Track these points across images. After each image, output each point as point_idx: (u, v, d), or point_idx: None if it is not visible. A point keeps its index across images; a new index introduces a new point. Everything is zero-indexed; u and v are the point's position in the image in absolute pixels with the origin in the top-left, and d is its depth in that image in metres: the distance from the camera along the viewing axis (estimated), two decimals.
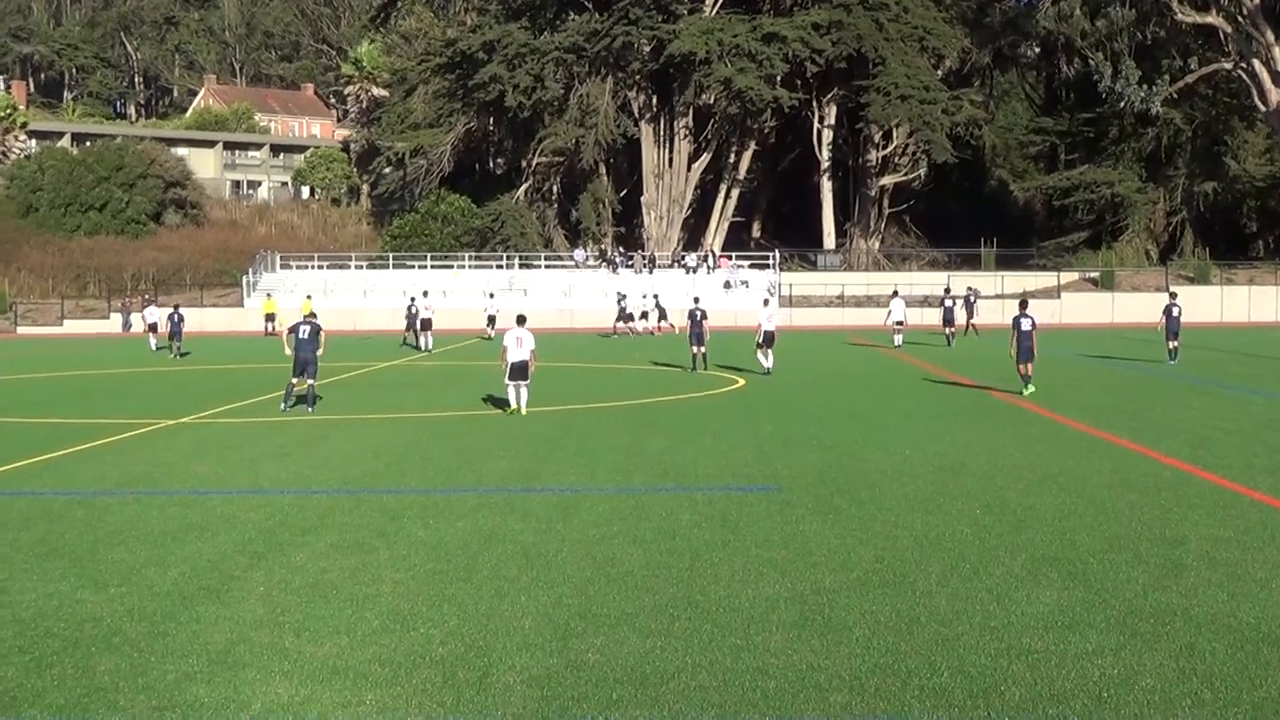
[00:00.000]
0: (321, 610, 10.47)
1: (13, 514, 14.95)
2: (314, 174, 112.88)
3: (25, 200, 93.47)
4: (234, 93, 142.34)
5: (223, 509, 15.17)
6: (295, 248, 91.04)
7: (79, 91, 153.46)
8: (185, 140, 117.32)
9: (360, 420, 25.03)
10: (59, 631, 9.90)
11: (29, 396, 32.60)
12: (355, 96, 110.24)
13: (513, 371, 25.47)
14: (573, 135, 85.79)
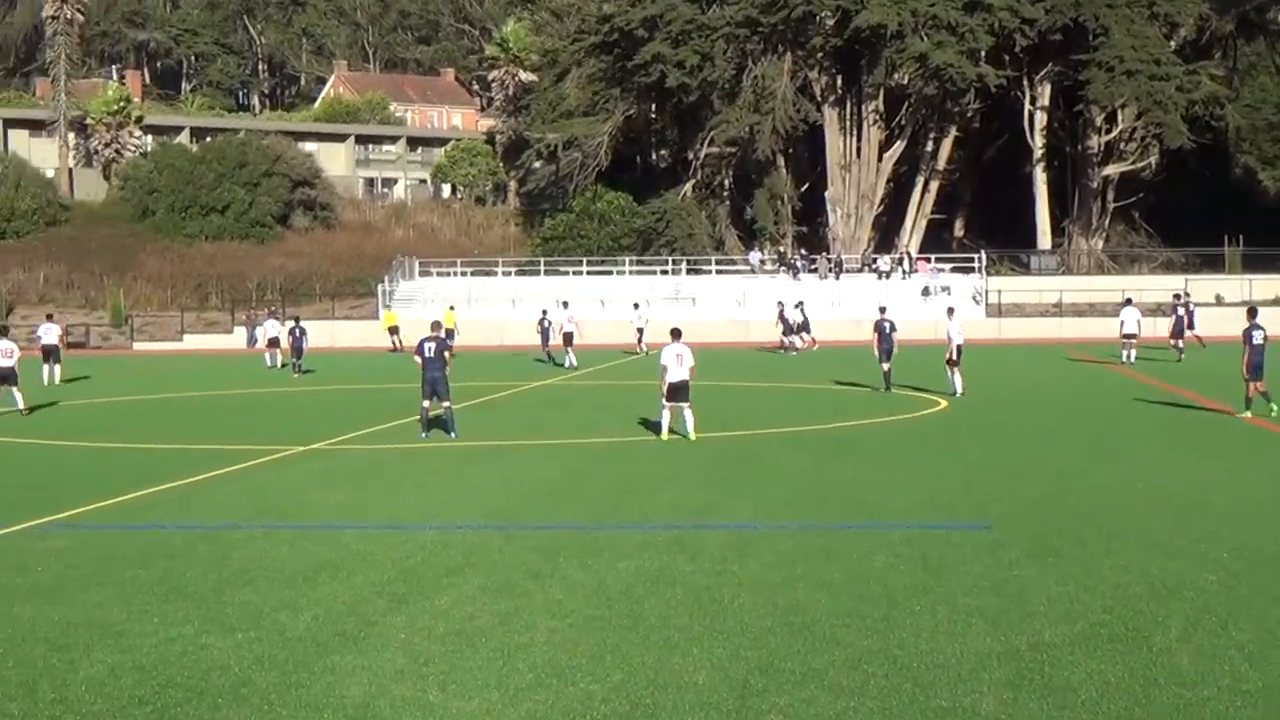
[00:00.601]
0: (469, 661, 10.59)
1: (131, 549, 15.40)
2: (455, 170, 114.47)
3: (141, 203, 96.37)
4: (367, 80, 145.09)
5: (359, 545, 15.44)
6: (435, 252, 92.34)
7: (198, 81, 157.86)
8: (314, 134, 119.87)
9: (509, 446, 25.29)
10: (183, 680, 10.17)
11: (147, 419, 33.55)
12: (501, 82, 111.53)
13: (672, 392, 25.53)
14: (746, 122, 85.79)
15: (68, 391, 42.61)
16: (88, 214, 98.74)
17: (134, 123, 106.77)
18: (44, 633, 11.56)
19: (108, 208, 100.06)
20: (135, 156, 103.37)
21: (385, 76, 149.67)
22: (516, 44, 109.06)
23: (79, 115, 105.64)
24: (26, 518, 17.47)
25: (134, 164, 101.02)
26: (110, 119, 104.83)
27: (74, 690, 9.94)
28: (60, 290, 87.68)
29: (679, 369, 25.41)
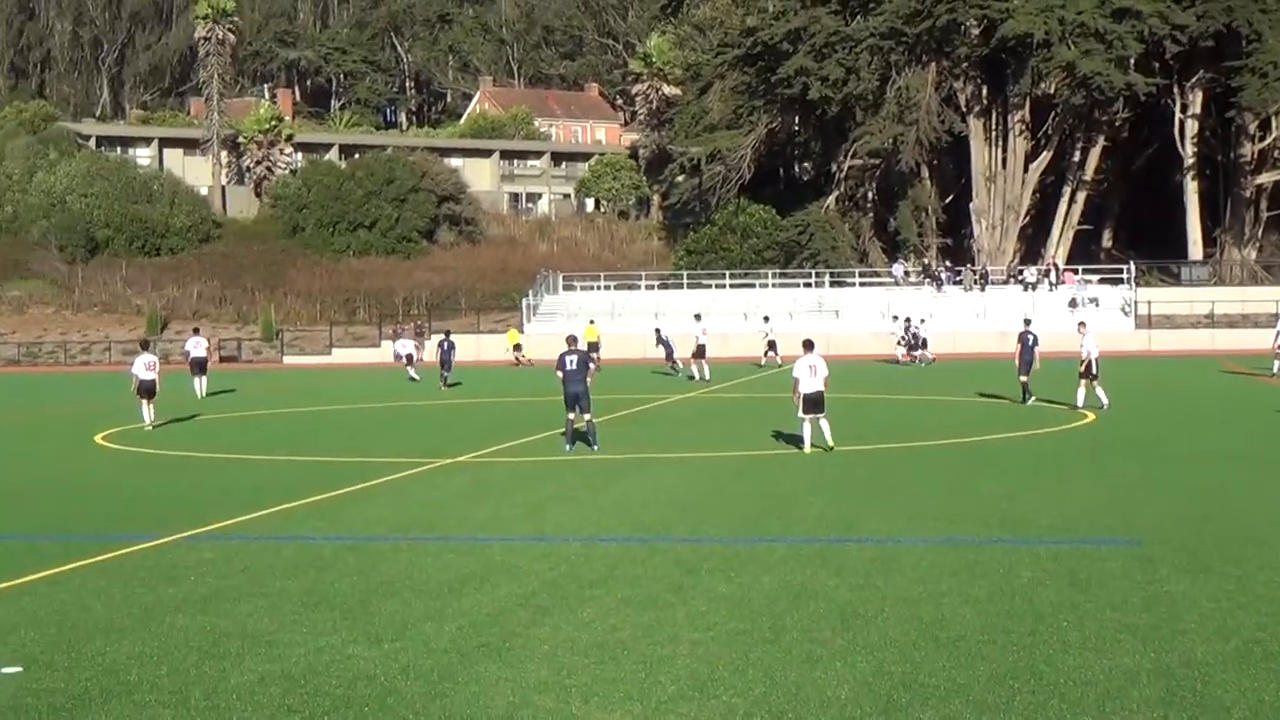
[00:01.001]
0: (612, 672, 10.62)
1: (280, 560, 15.65)
2: (599, 184, 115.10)
3: (291, 219, 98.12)
4: (512, 95, 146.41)
5: (503, 558, 15.56)
6: (579, 266, 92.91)
7: (347, 99, 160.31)
8: (459, 150, 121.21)
9: (652, 459, 25.34)
10: (330, 690, 10.31)
11: (297, 432, 34.12)
12: (644, 96, 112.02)
13: (808, 404, 25.45)
14: (890, 133, 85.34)
15: (215, 405, 43.46)
16: (239, 231, 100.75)
17: (284, 141, 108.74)
18: (196, 641, 11.78)
19: (259, 224, 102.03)
20: (285, 174, 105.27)
21: (530, 92, 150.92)
22: (660, 58, 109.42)
23: (231, 134, 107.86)
24: (180, 529, 17.82)
25: (284, 181, 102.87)
26: (262, 137, 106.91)
27: (225, 698, 10.11)
28: (213, 306, 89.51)
29: (812, 380, 25.34)
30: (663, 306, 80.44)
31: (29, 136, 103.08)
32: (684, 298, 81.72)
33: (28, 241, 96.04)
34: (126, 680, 10.59)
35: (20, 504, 21.12)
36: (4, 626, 12.45)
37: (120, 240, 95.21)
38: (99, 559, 15.81)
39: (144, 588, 14.16)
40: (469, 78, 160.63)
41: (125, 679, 10.63)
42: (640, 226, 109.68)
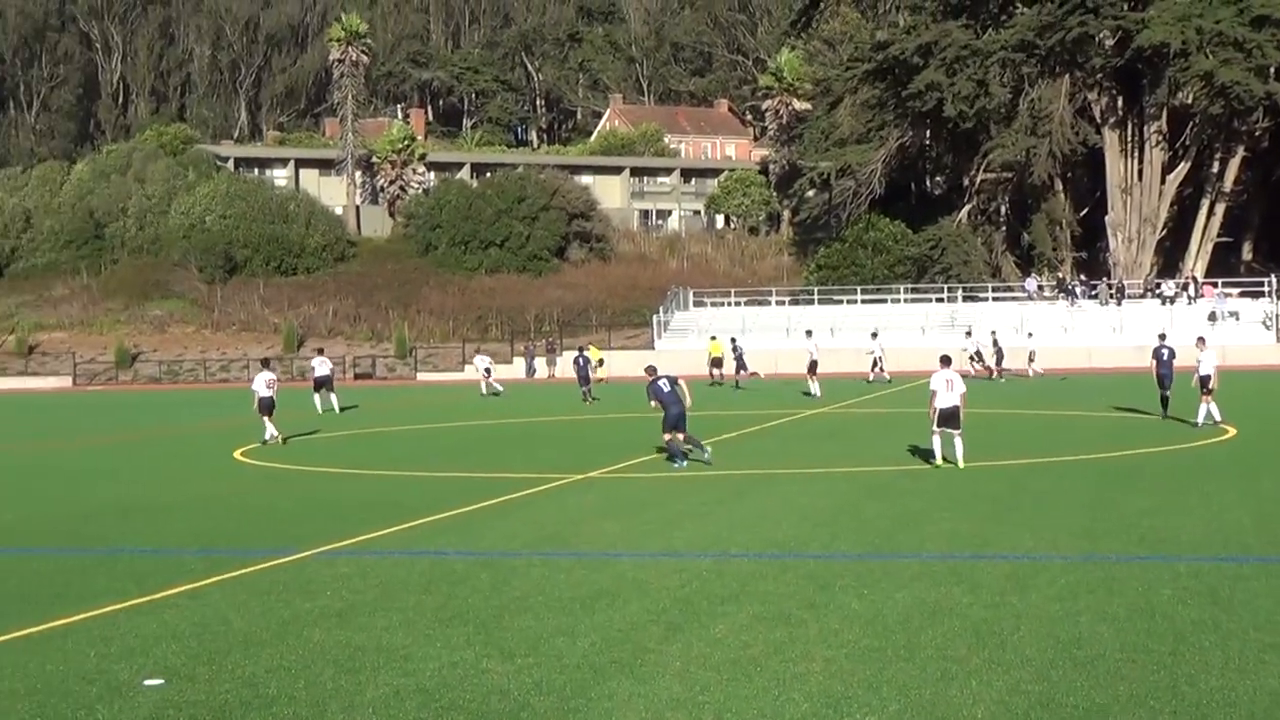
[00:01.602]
0: (744, 690, 10.59)
1: (415, 575, 15.79)
2: (729, 200, 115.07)
3: (424, 238, 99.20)
4: (641, 113, 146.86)
5: (635, 573, 15.58)
6: (709, 283, 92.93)
7: (479, 118, 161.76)
8: (590, 167, 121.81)
9: (782, 475, 25.26)
10: (464, 704, 10.38)
11: (430, 448, 34.44)
12: (774, 111, 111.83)
13: (942, 418, 25.27)
14: (1023, 146, 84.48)
15: (349, 421, 43.98)
16: (373, 249, 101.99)
17: (417, 160, 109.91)
18: (333, 655, 11.92)
19: (392, 243, 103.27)
20: (418, 193, 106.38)
21: (660, 109, 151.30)
22: (790, 73, 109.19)
23: (365, 154, 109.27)
24: (315, 544, 18.06)
25: (417, 200, 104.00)
26: (395, 157, 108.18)
27: (361, 712, 10.22)
28: (348, 323, 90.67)
29: (949, 395, 25.17)
30: (794, 322, 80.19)
31: (169, 159, 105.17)
32: (815, 314, 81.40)
33: (168, 262, 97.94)
34: (265, 693, 10.75)
35: (162, 519, 21.51)
36: (147, 639, 12.69)
37: (258, 260, 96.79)
38: (238, 573, 16.06)
39: (281, 602, 14.36)
40: (599, 95, 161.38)
41: (264, 692, 10.78)
42: (770, 242, 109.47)
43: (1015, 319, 77.23)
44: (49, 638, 12.91)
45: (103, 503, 23.79)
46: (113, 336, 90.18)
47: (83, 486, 26.68)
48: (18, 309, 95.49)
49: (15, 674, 11.52)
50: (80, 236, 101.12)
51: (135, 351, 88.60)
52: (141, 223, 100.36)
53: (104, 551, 18.19)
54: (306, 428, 40.17)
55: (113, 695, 10.79)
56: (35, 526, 20.94)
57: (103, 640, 12.71)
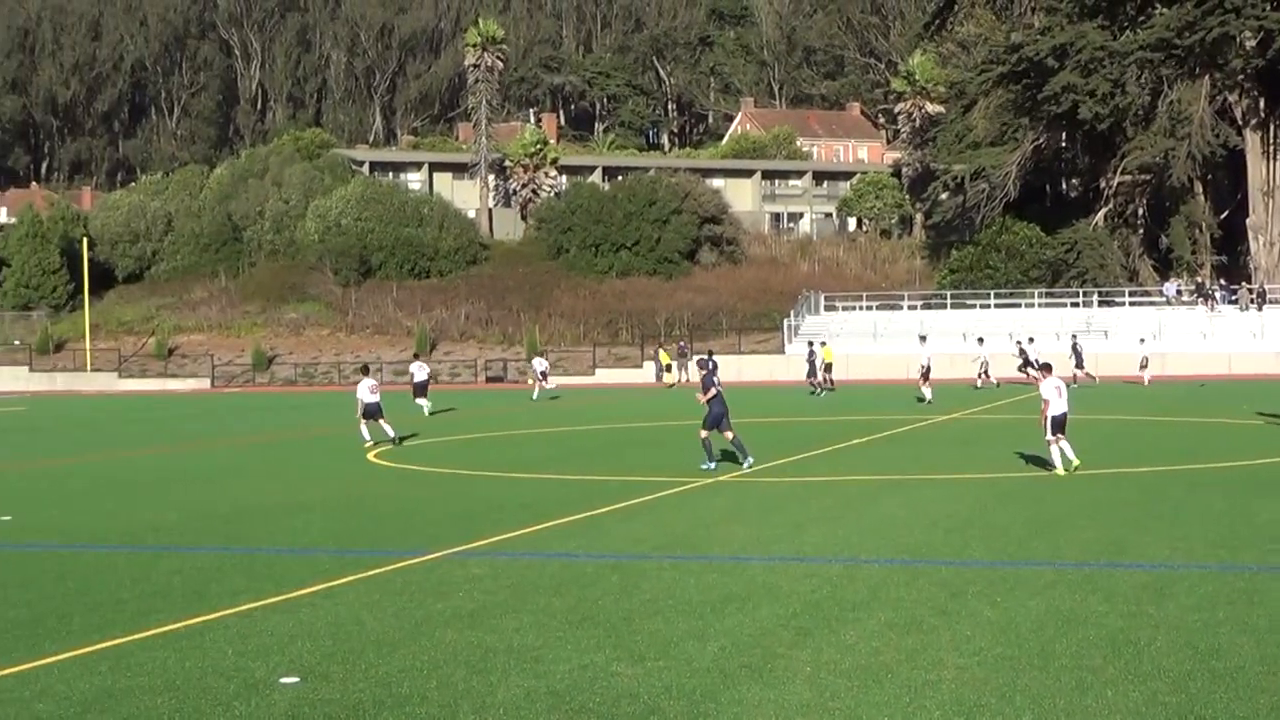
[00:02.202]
0: (875, 696, 10.54)
1: (546, 577, 15.89)
2: (861, 203, 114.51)
3: (556, 241, 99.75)
4: (773, 116, 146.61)
5: (765, 578, 15.56)
6: (841, 286, 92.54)
7: (610, 122, 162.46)
8: (721, 170, 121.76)
9: (912, 481, 25.10)
10: (594, 706, 10.42)
11: (560, 451, 34.62)
12: (906, 114, 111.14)
13: (1055, 425, 25.21)
14: (1161, 148, 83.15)
15: (477, 424, 44.30)
16: (505, 253, 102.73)
17: (549, 164, 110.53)
18: (464, 656, 12.02)
19: (524, 246, 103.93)
20: (550, 196, 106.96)
21: (791, 112, 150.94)
22: (923, 76, 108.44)
23: (498, 157, 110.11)
24: (448, 545, 18.23)
25: (549, 203, 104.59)
26: (528, 160, 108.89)
27: (492, 713, 10.30)
28: (479, 327, 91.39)
29: (1060, 401, 25.17)
30: (926, 326, 79.57)
31: (306, 164, 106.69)
32: (947, 318, 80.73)
33: (304, 265, 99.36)
34: (398, 693, 10.87)
35: (298, 519, 21.83)
36: (283, 637, 12.89)
37: (392, 263, 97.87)
38: (371, 573, 16.26)
39: (414, 602, 14.52)
40: (730, 99, 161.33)
41: (397, 691, 10.91)
42: (903, 245, 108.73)
43: (1153, 324, 76.09)
44: (188, 635, 13.16)
45: (240, 503, 24.19)
46: (250, 339, 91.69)
47: (221, 487, 27.14)
48: (158, 311, 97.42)
49: (155, 670, 11.76)
50: (219, 240, 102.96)
51: (272, 354, 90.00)
52: (278, 226, 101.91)
53: (242, 551, 18.50)
54: (410, 431, 40.57)
55: (250, 692, 10.97)
56: (175, 526, 21.34)
57: (240, 638, 12.94)
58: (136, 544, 19.35)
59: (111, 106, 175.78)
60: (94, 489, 27.39)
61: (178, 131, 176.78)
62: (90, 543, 19.58)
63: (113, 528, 21.17)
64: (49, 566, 17.42)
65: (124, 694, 10.99)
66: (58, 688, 11.24)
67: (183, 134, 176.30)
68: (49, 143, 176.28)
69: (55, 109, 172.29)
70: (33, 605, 14.83)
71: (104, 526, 21.36)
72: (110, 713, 10.48)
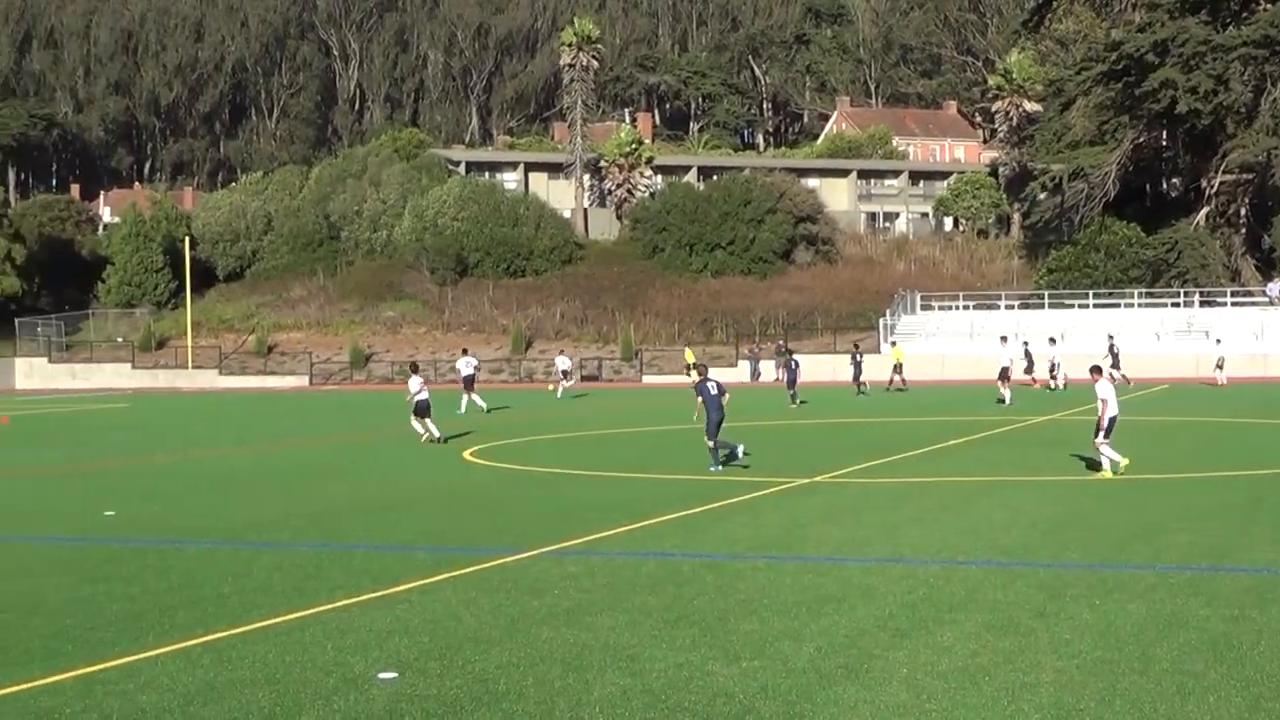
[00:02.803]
0: (972, 698, 10.48)
1: (641, 576, 15.93)
2: (958, 203, 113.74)
3: (650, 241, 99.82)
4: (869, 115, 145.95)
5: (860, 579, 15.51)
6: (937, 286, 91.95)
7: (705, 121, 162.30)
8: (816, 170, 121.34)
9: (1009, 482, 24.91)
10: (690, 705, 10.43)
11: (655, 450, 34.67)
12: (1004, 113, 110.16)
13: (1109, 427, 25.38)
14: (1264, 147, 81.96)
15: (573, 422, 44.40)
16: (600, 252, 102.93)
17: (644, 163, 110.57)
18: (560, 654, 12.08)
19: (619, 246, 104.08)
20: (645, 196, 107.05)
21: (887, 111, 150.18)
22: (1021, 74, 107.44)
23: (593, 157, 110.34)
24: (543, 543, 18.31)
25: (643, 203, 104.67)
26: (623, 160, 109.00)
27: (588, 710, 10.34)
28: (575, 325, 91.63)
29: (1115, 404, 25.38)
30: (1023, 326, 78.93)
31: (403, 163, 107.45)
32: (1045, 318, 79.97)
33: (401, 264, 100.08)
34: (495, 689, 10.94)
35: (395, 516, 22.01)
36: (381, 633, 13.01)
37: (488, 262, 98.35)
38: (468, 570, 16.37)
39: (510, 600, 14.60)
40: (826, 98, 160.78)
41: (494, 688, 10.97)
42: (1000, 245, 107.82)
43: (1255, 325, 75.05)
44: (288, 629, 13.31)
45: (338, 500, 24.42)
46: (347, 337, 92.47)
47: (319, 484, 27.42)
48: (258, 309, 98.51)
49: (256, 663, 11.90)
50: (317, 239, 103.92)
51: (369, 352, 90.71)
52: (376, 225, 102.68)
53: (340, 547, 18.68)
54: (468, 428, 40.76)
55: (349, 687, 11.08)
56: (274, 522, 21.58)
57: (339, 633, 13.07)
58: (237, 540, 19.60)
59: (213, 107, 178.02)
60: (195, 485, 27.75)
61: (277, 132, 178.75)
62: (192, 538, 19.84)
63: (213, 524, 21.44)
64: (152, 561, 17.67)
65: (226, 687, 11.14)
66: (161, 680, 11.41)
67: (282, 134, 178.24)
68: (152, 143, 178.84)
69: (158, 110, 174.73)
70: (136, 599, 15.07)
71: (205, 522, 21.64)
72: (212, 705, 10.63)
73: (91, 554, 18.54)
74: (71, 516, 22.88)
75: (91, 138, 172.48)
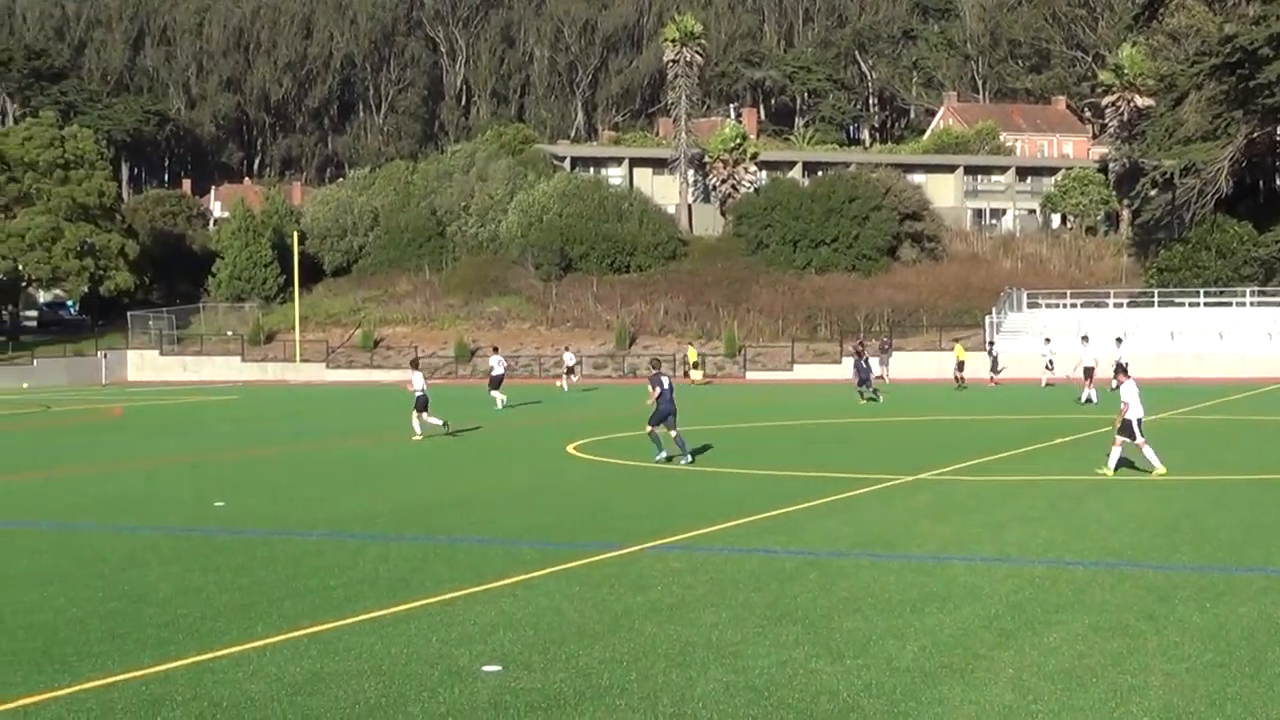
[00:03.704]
0: (1079, 700, 10.37)
1: (744, 572, 15.90)
2: (1065, 199, 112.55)
3: (755, 237, 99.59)
4: (976, 110, 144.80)
5: (966, 578, 15.39)
6: (1044, 284, 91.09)
7: (811, 117, 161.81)
8: (922, 165, 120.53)
9: (1117, 482, 24.61)
10: (793, 702, 10.40)
11: (758, 446, 34.60)
12: (1114, 108, 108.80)
13: (1126, 428, 25.48)
14: None
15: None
16: (704, 248, 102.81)
17: (749, 159, 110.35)
18: (663, 650, 12.08)
19: (723, 241, 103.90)
20: (749, 192, 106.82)
21: (994, 106, 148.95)
22: (1131, 69, 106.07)
23: (698, 153, 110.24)
24: (646, 538, 18.33)
25: (748, 199, 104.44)
26: (727, 156, 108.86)
27: (691, 706, 10.34)
28: (678, 322, 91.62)
29: (1138, 405, 25.60)
30: (1131, 325, 77.99)
31: (509, 159, 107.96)
32: (1154, 317, 79.02)
33: (506, 259, 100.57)
34: (598, 683, 10.96)
35: (498, 510, 22.14)
36: (485, 626, 13.09)
37: (592, 257, 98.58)
38: (571, 565, 16.43)
39: (613, 595, 14.63)
40: (933, 93, 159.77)
41: (597, 682, 11.00)
42: (1109, 242, 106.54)
43: None
44: (393, 621, 13.43)
45: (442, 494, 24.60)
46: (452, 331, 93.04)
47: (423, 477, 27.63)
48: (364, 304, 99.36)
49: (362, 655, 12.02)
50: (423, 234, 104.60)
51: (474, 346, 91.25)
52: (482, 220, 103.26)
53: (444, 540, 18.81)
54: (482, 421, 40.76)
55: (453, 679, 11.16)
56: (379, 515, 21.76)
57: (444, 626, 13.16)
58: (343, 532, 19.79)
59: (321, 103, 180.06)
60: (302, 477, 28.07)
61: (384, 127, 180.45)
62: (299, 529, 20.06)
63: (320, 515, 21.66)
64: (260, 552, 17.89)
65: (332, 677, 11.26)
66: (269, 669, 11.55)
67: (389, 130, 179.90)
68: (261, 139, 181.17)
69: (268, 106, 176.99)
70: (245, 590, 15.26)
71: (312, 514, 21.87)
72: (320, 695, 10.74)
73: (201, 544, 18.81)
74: (182, 507, 23.21)
75: (203, 133, 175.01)
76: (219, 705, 10.53)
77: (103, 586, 15.61)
